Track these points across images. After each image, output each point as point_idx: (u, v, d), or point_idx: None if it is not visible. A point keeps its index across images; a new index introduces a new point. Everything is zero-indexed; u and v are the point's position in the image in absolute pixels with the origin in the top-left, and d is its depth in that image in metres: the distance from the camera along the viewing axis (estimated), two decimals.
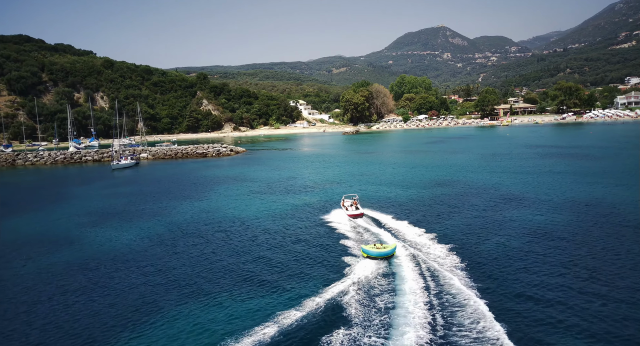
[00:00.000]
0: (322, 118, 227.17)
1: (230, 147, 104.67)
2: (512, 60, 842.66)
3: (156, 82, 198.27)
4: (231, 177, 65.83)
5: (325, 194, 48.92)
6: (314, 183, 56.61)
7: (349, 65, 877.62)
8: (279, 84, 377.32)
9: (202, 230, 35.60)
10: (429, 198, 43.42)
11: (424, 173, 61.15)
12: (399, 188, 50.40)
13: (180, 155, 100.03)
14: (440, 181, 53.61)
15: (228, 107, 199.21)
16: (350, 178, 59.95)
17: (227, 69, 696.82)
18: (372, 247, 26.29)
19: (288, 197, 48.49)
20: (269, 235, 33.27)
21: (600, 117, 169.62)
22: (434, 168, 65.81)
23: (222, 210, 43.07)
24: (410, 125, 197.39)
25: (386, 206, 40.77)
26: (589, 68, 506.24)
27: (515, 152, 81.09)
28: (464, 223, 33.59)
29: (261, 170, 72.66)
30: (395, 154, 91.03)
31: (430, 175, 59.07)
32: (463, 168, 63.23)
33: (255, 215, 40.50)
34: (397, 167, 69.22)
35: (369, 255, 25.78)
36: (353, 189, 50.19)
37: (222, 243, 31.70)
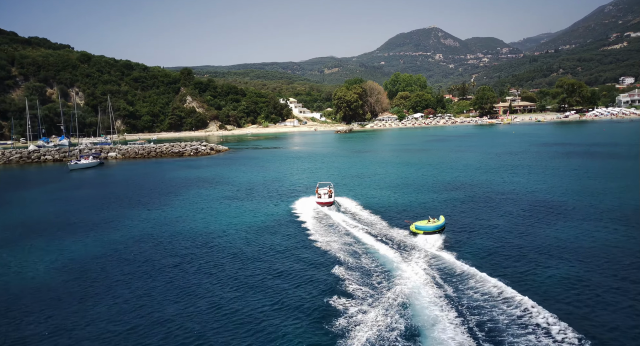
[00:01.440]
0: (313, 116, 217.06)
1: (211, 146, 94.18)
2: (503, 61, 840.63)
3: (137, 78, 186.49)
4: (205, 179, 55.46)
5: None
6: (303, 187, 46.50)
7: (341, 66, 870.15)
8: (269, 83, 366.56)
9: (147, 254, 25.40)
10: (452, 207, 33.57)
11: (436, 174, 51.33)
12: (409, 192, 40.54)
13: (153, 154, 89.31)
14: (457, 183, 43.84)
15: (214, 105, 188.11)
16: (347, 180, 49.91)
17: (218, 68, 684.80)
18: (426, 222, 26.45)
19: (270, 205, 38.37)
20: (239, 263, 23.22)
21: (606, 115, 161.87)
22: (445, 168, 56.03)
23: (183, 223, 32.84)
24: (406, 124, 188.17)
25: (398, 216, 30.76)
26: (581, 68, 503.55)
27: (532, 150, 71.82)
28: (511, 243, 23.72)
29: (242, 171, 62.38)
30: (396, 153, 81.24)
31: (443, 176, 49.25)
32: (480, 169, 53.54)
33: (225, 230, 30.41)
34: (402, 167, 59.40)
35: (426, 231, 25.76)
36: (353, 194, 40.30)
37: (167, 279, 21.46)
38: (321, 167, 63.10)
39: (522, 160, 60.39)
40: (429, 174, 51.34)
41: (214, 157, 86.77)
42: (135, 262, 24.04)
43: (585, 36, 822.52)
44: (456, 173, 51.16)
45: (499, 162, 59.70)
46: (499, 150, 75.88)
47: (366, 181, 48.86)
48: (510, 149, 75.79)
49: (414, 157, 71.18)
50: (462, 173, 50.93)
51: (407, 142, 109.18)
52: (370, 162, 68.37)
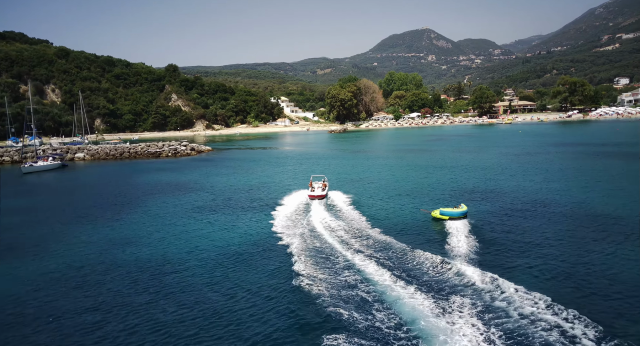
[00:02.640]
0: (305, 116, 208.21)
1: (192, 146, 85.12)
2: (496, 62, 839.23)
3: (119, 75, 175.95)
4: (178, 185, 46.63)
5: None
6: (292, 194, 37.90)
7: (334, 67, 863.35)
8: (260, 82, 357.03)
9: (55, 306, 16.58)
10: (488, 224, 25.16)
11: (453, 179, 42.99)
12: (425, 202, 32.06)
13: (127, 155, 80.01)
14: (483, 191, 35.61)
15: (200, 103, 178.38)
16: (345, 185, 41.37)
17: (209, 69, 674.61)
18: (452, 209, 27.35)
19: (250, 220, 29.79)
20: (203, 310, 14.54)
21: (611, 114, 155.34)
22: (462, 172, 47.71)
23: (129, 249, 24.17)
24: (402, 124, 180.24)
25: (419, 237, 22.27)
26: (575, 69, 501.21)
27: (551, 151, 64.00)
28: (579, 277, 15.43)
29: (223, 175, 53.63)
30: (398, 154, 72.86)
31: (463, 182, 40.94)
32: (504, 173, 45.37)
33: (184, 259, 21.86)
34: (410, 171, 50.98)
35: (451, 216, 26.61)
36: (357, 203, 31.92)
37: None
38: (314, 169, 54.41)
39: (547, 162, 52.33)
40: (446, 180, 42.94)
41: (194, 158, 77.75)
42: (56, 306, 15.27)
43: (576, 38, 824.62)
44: (477, 178, 42.88)
45: (521, 164, 51.59)
46: (513, 150, 67.90)
47: (370, 187, 40.37)
48: (526, 149, 67.86)
49: (420, 159, 62.82)
50: (483, 178, 42.67)
51: (407, 142, 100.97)
52: (371, 164, 59.85)
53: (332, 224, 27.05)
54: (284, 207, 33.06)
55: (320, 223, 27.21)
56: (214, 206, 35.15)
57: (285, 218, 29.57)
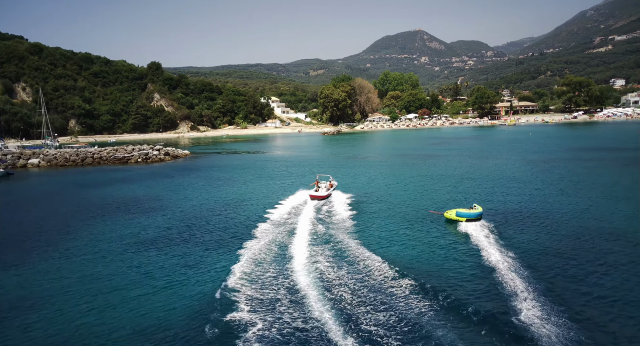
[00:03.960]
0: (297, 117, 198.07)
1: (166, 150, 74.69)
2: (489, 64, 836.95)
3: (97, 73, 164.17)
4: (134, 202, 36.63)
5: (307, 248, 20.64)
6: (279, 216, 28.19)
7: (327, 68, 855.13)
8: (251, 83, 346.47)
9: None
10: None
11: (480, 191, 33.16)
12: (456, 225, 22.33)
13: (90, 160, 69.35)
14: (530, 213, 25.78)
15: (185, 103, 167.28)
16: (349, 205, 31.49)
17: (200, 69, 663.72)
18: (468, 210, 26.18)
19: (211, 263, 19.77)
20: None
21: (619, 115, 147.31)
22: (487, 183, 37.98)
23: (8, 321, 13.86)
24: (399, 125, 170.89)
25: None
26: (569, 71, 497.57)
27: (582, 157, 54.60)
28: None
29: (196, 188, 43.61)
30: (402, 160, 63.13)
31: (497, 199, 31.12)
32: (543, 188, 35.76)
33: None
34: (422, 181, 41.18)
35: (468, 218, 25.60)
36: (366, 235, 22.09)
37: None
38: (305, 181, 44.40)
39: (589, 172, 42.77)
40: (472, 193, 33.11)
41: (168, 165, 67.42)
42: None
43: (568, 40, 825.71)
44: (514, 194, 33.16)
45: (558, 173, 42.14)
46: (534, 156, 58.67)
47: (382, 208, 30.41)
48: (550, 155, 58.56)
49: (432, 166, 53.11)
50: (521, 193, 33.07)
51: (408, 145, 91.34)
52: (375, 173, 49.99)
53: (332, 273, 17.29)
54: (259, 240, 23.31)
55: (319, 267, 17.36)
56: (167, 239, 25.19)
57: (260, 257, 19.73)
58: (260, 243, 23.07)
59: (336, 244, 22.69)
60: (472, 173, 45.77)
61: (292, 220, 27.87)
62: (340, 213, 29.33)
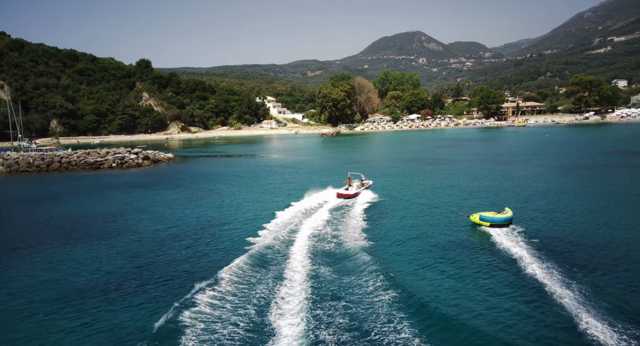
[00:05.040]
0: (294, 117, 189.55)
1: (146, 154, 66.17)
2: (487, 65, 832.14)
3: (82, 70, 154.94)
4: (78, 225, 28.27)
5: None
6: (262, 249, 19.76)
7: (324, 69, 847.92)
8: (247, 82, 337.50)
9: None
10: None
11: (523, 199, 24.96)
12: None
13: (57, 165, 60.72)
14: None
15: (176, 103, 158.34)
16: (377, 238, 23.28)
17: (196, 70, 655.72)
18: (493, 213, 24.13)
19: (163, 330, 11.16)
20: None
21: (634, 116, 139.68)
22: (538, 200, 29.68)
23: None
24: (401, 126, 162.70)
25: None
26: (569, 72, 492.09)
27: (629, 163, 46.47)
28: None
29: (165, 203, 35.33)
30: (414, 166, 54.82)
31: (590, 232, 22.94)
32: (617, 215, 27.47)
33: None
34: (450, 190, 32.77)
35: (493, 223, 23.49)
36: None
37: None
38: (297, 195, 36.06)
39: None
40: (509, 203, 24.89)
41: (146, 170, 58.97)
42: None
43: (566, 41, 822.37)
44: (562, 208, 24.91)
45: (608, 182, 33.87)
46: (568, 161, 50.50)
47: (407, 212, 22.19)
48: (587, 160, 50.43)
49: (453, 172, 44.82)
50: (573, 207, 24.74)
51: (416, 149, 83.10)
52: (387, 184, 41.59)
53: None
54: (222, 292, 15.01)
55: None
56: (100, 291, 16.75)
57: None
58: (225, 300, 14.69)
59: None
60: (505, 182, 37.53)
61: (280, 255, 19.46)
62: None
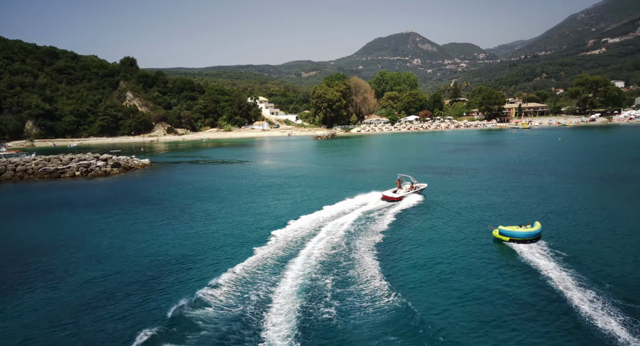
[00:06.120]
0: (287, 119, 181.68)
1: (116, 160, 58.07)
2: (481, 66, 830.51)
3: (61, 68, 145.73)
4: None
5: None
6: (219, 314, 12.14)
7: (319, 69, 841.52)
8: (240, 82, 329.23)
9: None
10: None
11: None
12: None
13: (10, 174, 52.46)
14: None
15: (162, 103, 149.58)
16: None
17: (190, 70, 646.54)
18: (516, 227, 21.77)
19: None
20: None
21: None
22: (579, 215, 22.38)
23: None
24: (399, 128, 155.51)
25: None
26: (565, 73, 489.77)
27: None
28: None
29: (117, 230, 27.65)
30: (425, 175, 47.23)
31: None
32: None
33: None
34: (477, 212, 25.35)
35: (512, 237, 21.30)
36: None
37: None
38: (295, 210, 28.62)
39: None
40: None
41: (114, 180, 50.96)
42: None
43: (560, 43, 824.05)
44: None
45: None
46: (599, 170, 43.21)
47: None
48: (621, 169, 43.24)
49: (479, 186, 37.41)
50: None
51: (420, 154, 75.62)
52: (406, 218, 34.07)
53: None
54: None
55: None
56: None
57: None
58: None
59: None
60: (541, 198, 30.12)
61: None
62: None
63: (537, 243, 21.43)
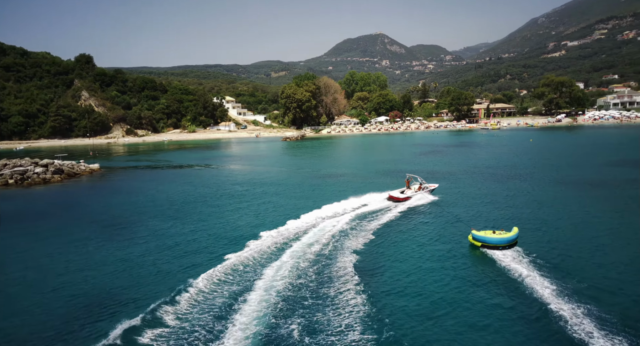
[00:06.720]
0: (255, 119, 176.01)
1: (60, 165, 51.90)
2: (448, 68, 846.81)
3: (9, 65, 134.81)
4: None
5: None
6: None
7: (288, 69, 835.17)
8: (206, 82, 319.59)
9: None
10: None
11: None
12: None
13: None
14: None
15: (121, 103, 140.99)
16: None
17: (155, 69, 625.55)
18: (489, 233, 21.04)
19: None
20: None
21: (607, 118, 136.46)
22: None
23: None
24: (369, 129, 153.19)
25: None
26: (528, 74, 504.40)
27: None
28: None
29: (30, 262, 22.09)
30: (400, 181, 43.81)
31: None
32: None
33: None
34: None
35: (485, 243, 20.62)
36: None
37: None
38: (257, 243, 24.33)
39: None
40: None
41: (52, 189, 45.04)
42: None
43: (522, 45, 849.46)
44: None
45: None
46: (581, 174, 41.08)
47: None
48: (604, 174, 41.28)
49: (462, 194, 34.13)
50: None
51: (392, 156, 72.63)
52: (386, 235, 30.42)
53: None
54: None
55: None
56: None
57: None
58: None
59: None
60: (533, 209, 27.10)
61: None
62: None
63: (513, 250, 20.78)
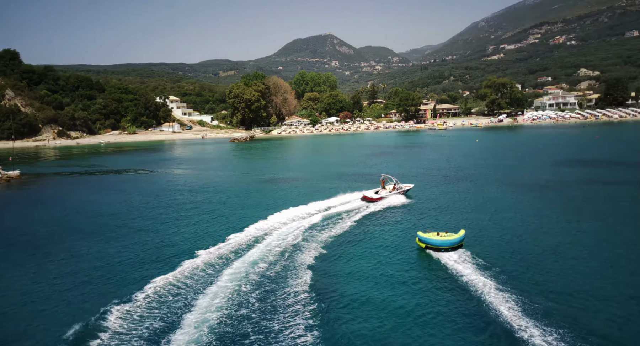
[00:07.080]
0: (202, 120, 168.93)
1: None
2: (395, 69, 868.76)
3: None
4: None
5: None
6: None
7: (238, 69, 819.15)
8: (150, 81, 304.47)
9: None
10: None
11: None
12: None
13: None
14: None
15: (52, 102, 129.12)
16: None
17: (94, 68, 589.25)
18: (434, 235, 21.50)
19: None
20: None
21: (544, 119, 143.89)
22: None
23: None
24: (320, 130, 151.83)
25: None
26: (470, 76, 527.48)
27: (600, 178, 38.68)
28: None
29: None
30: (359, 183, 42.19)
31: None
32: None
33: None
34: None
35: (429, 245, 21.27)
36: None
37: None
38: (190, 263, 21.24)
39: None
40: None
41: None
42: None
43: (464, 48, 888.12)
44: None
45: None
46: (531, 175, 41.47)
47: None
48: (551, 175, 41.90)
49: (424, 196, 32.82)
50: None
51: (343, 158, 71.28)
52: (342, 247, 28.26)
53: None
54: None
55: None
56: None
57: None
58: None
59: None
60: (491, 212, 26.18)
61: None
62: None
63: (458, 252, 21.05)
